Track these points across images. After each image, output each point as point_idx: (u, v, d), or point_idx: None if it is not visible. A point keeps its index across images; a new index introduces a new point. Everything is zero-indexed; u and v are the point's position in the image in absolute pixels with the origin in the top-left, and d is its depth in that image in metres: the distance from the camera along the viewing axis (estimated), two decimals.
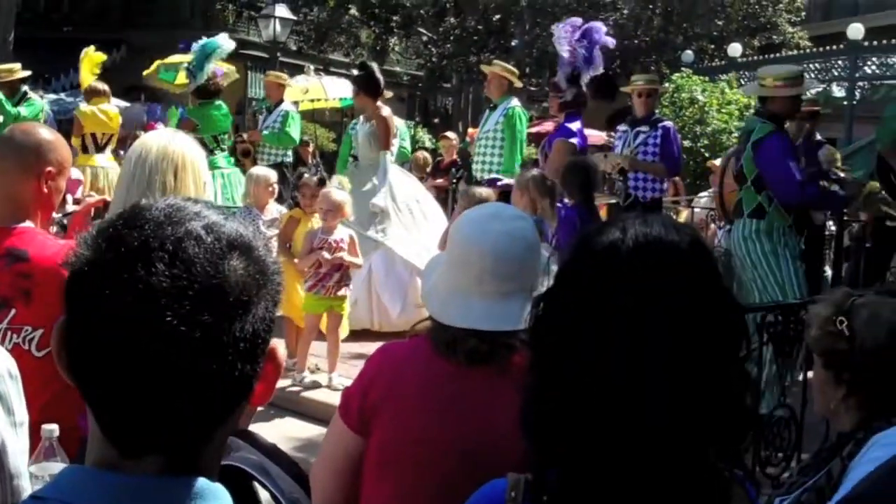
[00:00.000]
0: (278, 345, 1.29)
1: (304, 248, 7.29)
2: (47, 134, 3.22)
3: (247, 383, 1.23)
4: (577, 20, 8.84)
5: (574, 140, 8.39)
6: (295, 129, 12.09)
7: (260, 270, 1.23)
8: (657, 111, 10.07)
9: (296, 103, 14.62)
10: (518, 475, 1.61)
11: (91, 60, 12.41)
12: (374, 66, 9.37)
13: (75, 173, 7.03)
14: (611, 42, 8.82)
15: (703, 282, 1.54)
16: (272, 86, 12.67)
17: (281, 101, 12.50)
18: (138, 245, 1.17)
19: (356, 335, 7.92)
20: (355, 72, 9.41)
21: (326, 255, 7.16)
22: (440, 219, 9.41)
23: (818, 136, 9.01)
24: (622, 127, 9.34)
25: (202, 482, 1.21)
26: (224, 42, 11.02)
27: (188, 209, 1.24)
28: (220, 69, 11.13)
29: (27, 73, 11.65)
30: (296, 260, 7.52)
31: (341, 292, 7.37)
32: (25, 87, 11.57)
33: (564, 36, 8.51)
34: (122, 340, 1.14)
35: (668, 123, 9.21)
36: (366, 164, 9.05)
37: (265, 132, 12.14)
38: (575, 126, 8.48)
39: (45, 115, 11.58)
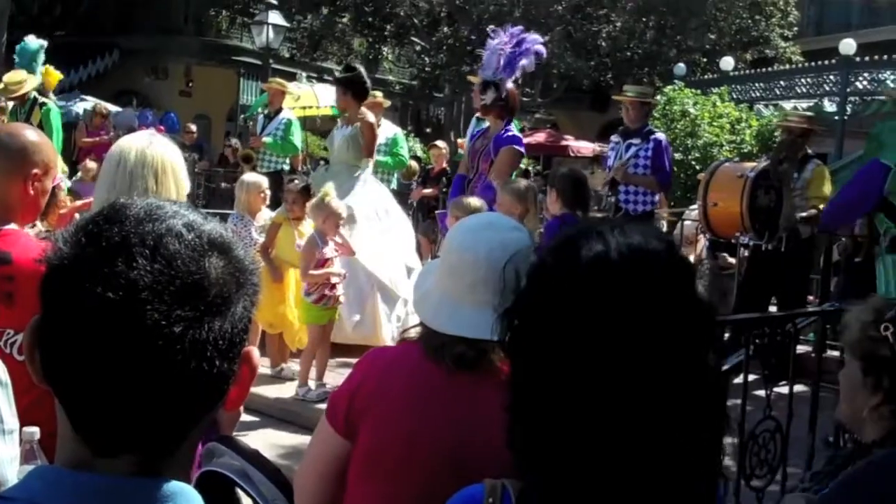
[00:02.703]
0: (253, 349, 1.28)
1: (307, 263, 7.26)
2: (33, 135, 3.21)
3: (223, 383, 1.22)
4: (517, 30, 8.64)
5: (521, 148, 8.25)
6: (297, 138, 12.17)
7: (239, 269, 1.24)
8: (650, 122, 10.01)
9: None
10: (495, 481, 1.60)
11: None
12: (362, 68, 9.25)
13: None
14: (542, 51, 8.57)
15: (681, 289, 1.55)
16: (275, 93, 12.72)
17: (281, 108, 12.56)
18: (119, 240, 1.17)
19: (342, 345, 7.90)
20: (338, 73, 9.30)
21: (336, 268, 7.36)
22: (408, 233, 9.39)
23: (808, 151, 9.01)
24: (615, 138, 9.30)
25: (174, 484, 1.20)
26: (29, 41, 11.33)
27: (168, 208, 1.24)
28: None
29: (37, 81, 11.63)
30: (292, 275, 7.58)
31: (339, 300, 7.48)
32: (34, 93, 11.57)
33: (497, 43, 8.35)
34: (102, 336, 1.13)
35: (661, 136, 9.16)
36: (338, 169, 8.93)
37: (267, 139, 12.19)
38: (514, 132, 8.20)
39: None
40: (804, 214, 8.44)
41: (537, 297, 1.58)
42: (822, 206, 8.81)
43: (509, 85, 8.02)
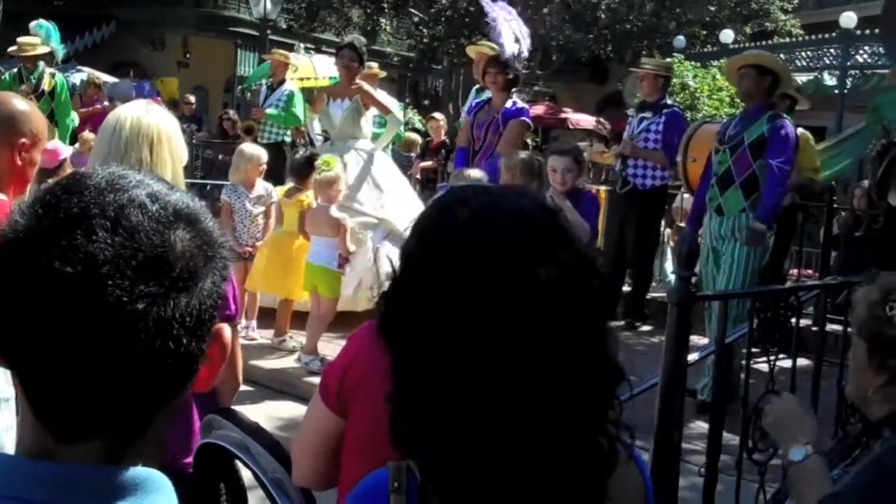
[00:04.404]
0: (224, 327, 1.22)
1: (345, 234, 7.44)
2: (22, 104, 3.15)
3: (191, 363, 1.16)
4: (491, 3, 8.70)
5: (529, 120, 8.31)
6: (299, 109, 12.17)
7: (207, 242, 1.17)
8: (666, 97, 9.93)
9: None
10: (399, 463, 1.55)
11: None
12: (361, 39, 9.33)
13: (54, 144, 6.96)
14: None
15: (557, 245, 1.51)
16: (278, 64, 12.72)
17: (283, 80, 12.55)
18: (78, 211, 1.10)
19: (343, 316, 7.89)
20: (349, 39, 9.32)
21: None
22: (417, 202, 9.38)
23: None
24: (632, 111, 9.30)
25: (142, 471, 1.13)
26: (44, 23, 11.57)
27: (131, 177, 1.17)
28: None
29: (47, 48, 11.62)
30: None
31: None
32: (42, 63, 11.54)
33: (502, 16, 8.36)
34: (59, 314, 1.06)
35: (674, 110, 9.13)
36: (342, 143, 8.94)
37: (270, 110, 12.19)
38: (521, 104, 8.38)
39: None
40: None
41: (407, 278, 1.56)
42: (816, 177, 8.81)
43: (526, 53, 8.14)
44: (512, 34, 8.26)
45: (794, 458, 2.46)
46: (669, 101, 9.57)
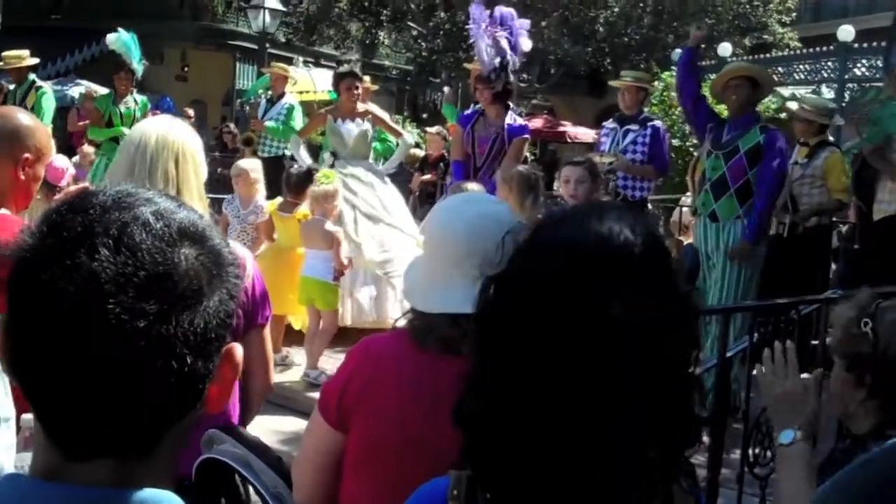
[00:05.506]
0: (236, 346, 1.22)
1: (340, 247, 7.45)
2: (26, 119, 3.15)
3: (197, 381, 1.16)
4: (480, 10, 8.71)
5: (528, 135, 8.39)
6: (298, 123, 12.17)
7: (214, 261, 1.17)
8: (646, 109, 10.02)
9: None
10: (460, 472, 1.55)
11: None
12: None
13: (61, 161, 6.96)
14: (526, 24, 8.78)
15: (658, 282, 1.50)
16: (278, 78, 12.73)
17: (283, 93, 12.55)
18: (81, 230, 1.11)
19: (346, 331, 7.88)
20: (347, 67, 9.43)
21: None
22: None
23: (829, 137, 9.12)
24: (610, 124, 9.29)
25: (152, 493, 1.13)
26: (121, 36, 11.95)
27: (139, 195, 1.17)
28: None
29: (35, 60, 11.62)
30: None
31: None
32: (33, 76, 11.52)
33: (482, 28, 8.38)
34: (63, 331, 1.07)
35: (658, 123, 9.18)
36: (357, 162, 9.00)
37: (269, 124, 12.19)
38: (520, 120, 8.43)
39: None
40: (812, 204, 8.49)
41: (513, 272, 1.55)
42: (845, 198, 8.81)
43: (515, 66, 8.14)
44: (492, 47, 8.24)
45: (782, 440, 2.51)
46: (648, 113, 9.67)
